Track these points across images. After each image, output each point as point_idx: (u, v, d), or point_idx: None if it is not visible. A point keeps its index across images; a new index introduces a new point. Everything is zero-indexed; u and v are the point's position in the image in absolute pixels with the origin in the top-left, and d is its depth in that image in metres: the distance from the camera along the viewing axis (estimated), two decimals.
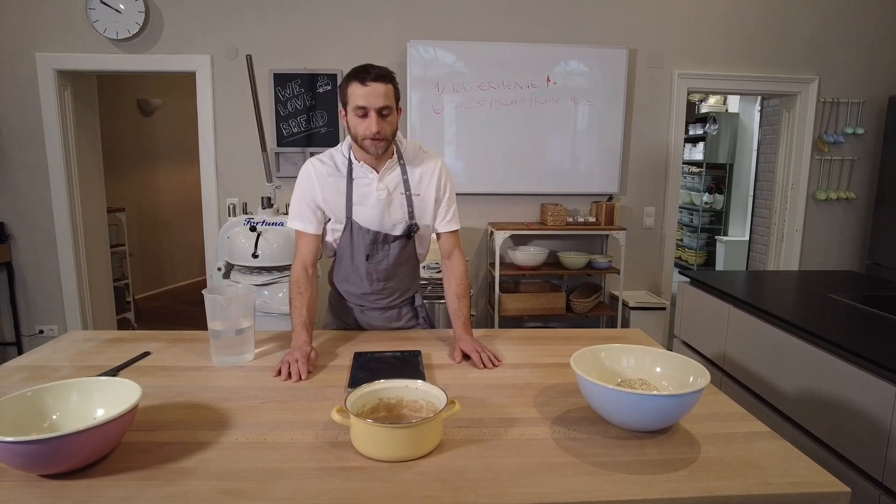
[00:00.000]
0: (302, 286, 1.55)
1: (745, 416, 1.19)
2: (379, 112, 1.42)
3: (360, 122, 1.44)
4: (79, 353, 1.52)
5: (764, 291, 2.37)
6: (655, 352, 1.25)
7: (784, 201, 3.89)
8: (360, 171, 1.55)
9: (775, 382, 1.92)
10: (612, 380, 1.21)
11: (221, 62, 3.34)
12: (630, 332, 1.77)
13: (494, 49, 3.39)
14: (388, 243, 1.60)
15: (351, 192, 1.56)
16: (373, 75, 1.41)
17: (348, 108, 1.46)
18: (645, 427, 1.09)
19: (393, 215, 1.58)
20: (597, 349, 1.25)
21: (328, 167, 1.57)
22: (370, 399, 1.08)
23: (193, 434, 1.07)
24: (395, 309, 1.76)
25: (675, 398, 1.05)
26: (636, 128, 3.64)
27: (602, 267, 3.47)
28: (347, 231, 1.59)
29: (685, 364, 1.19)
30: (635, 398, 1.05)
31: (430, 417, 0.98)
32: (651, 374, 1.23)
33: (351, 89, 1.43)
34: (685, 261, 6.72)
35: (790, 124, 3.83)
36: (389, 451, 0.97)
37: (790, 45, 3.67)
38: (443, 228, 1.65)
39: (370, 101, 1.41)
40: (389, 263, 1.63)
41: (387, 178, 1.56)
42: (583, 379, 1.08)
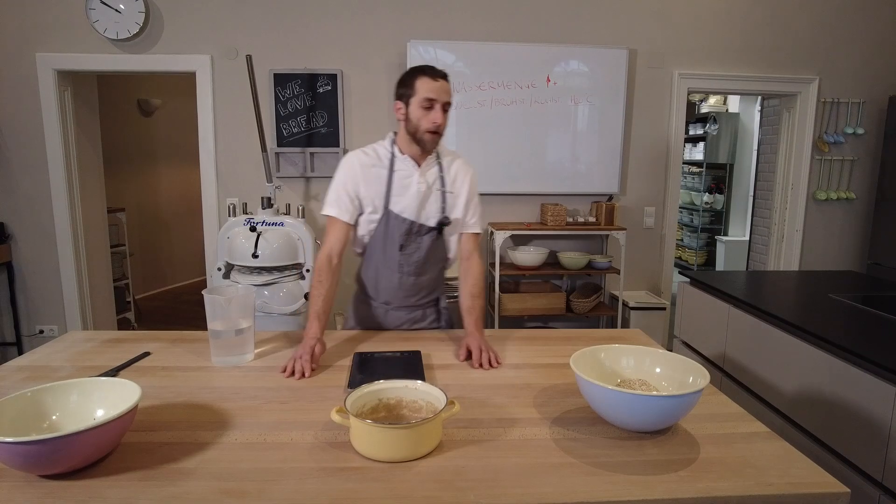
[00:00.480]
0: (323, 275, 1.58)
1: (745, 416, 1.19)
2: (443, 107, 1.53)
3: (425, 113, 1.53)
4: (79, 353, 1.52)
5: (764, 291, 2.37)
6: (655, 352, 1.26)
7: (784, 201, 3.89)
8: (402, 163, 1.63)
9: (775, 383, 1.92)
10: (611, 380, 1.21)
11: (221, 62, 3.34)
12: (630, 332, 1.77)
13: (494, 49, 3.39)
14: (421, 235, 1.65)
15: (391, 183, 1.62)
16: (441, 73, 1.53)
17: (413, 99, 1.53)
18: (645, 427, 1.09)
19: (428, 209, 1.65)
20: (597, 349, 1.25)
21: (370, 158, 1.64)
22: (370, 399, 1.08)
23: (193, 434, 1.07)
24: (419, 309, 1.77)
25: (674, 399, 1.05)
26: (636, 127, 3.64)
27: (602, 267, 3.47)
28: (383, 221, 1.63)
29: (685, 364, 1.19)
30: (635, 399, 1.05)
31: (430, 418, 0.98)
32: (651, 375, 1.23)
33: (420, 82, 1.52)
34: (685, 261, 6.72)
35: (790, 124, 3.83)
36: (389, 451, 0.97)
37: (790, 45, 3.66)
38: (468, 230, 1.72)
39: (439, 95, 1.52)
40: (421, 256, 1.66)
41: (427, 173, 1.64)
42: (582, 379, 1.08)
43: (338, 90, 3.37)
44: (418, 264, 1.67)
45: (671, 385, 1.20)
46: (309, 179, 3.49)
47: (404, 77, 1.58)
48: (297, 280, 2.87)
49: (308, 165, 3.43)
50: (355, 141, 3.47)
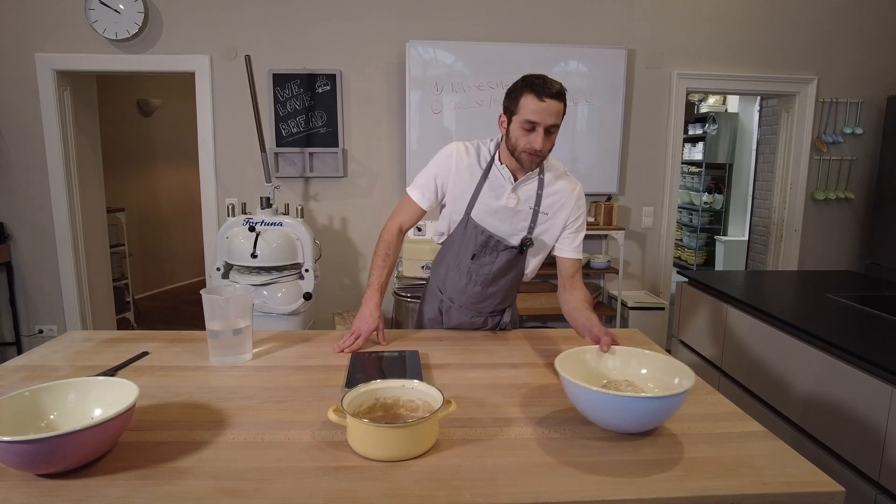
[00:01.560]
0: (391, 248, 1.60)
1: (741, 415, 1.19)
2: (546, 130, 1.41)
3: (525, 135, 1.42)
4: (77, 353, 1.52)
5: (762, 291, 2.37)
6: (641, 353, 1.25)
7: (783, 201, 3.89)
8: (498, 173, 1.54)
9: (773, 382, 1.92)
10: (597, 381, 1.21)
11: (221, 62, 3.34)
12: (627, 331, 1.77)
13: (493, 49, 3.39)
14: (498, 250, 1.58)
15: (480, 189, 1.55)
16: (551, 92, 1.38)
17: (515, 117, 1.43)
18: (629, 429, 1.08)
19: (513, 225, 1.57)
20: (582, 350, 1.25)
21: (470, 156, 1.57)
22: (367, 399, 1.08)
23: (191, 434, 1.07)
24: (482, 316, 1.73)
25: (658, 400, 1.04)
26: (635, 128, 3.65)
27: (601, 267, 3.48)
28: (462, 225, 1.58)
29: (670, 365, 1.19)
30: (618, 400, 1.04)
31: (426, 417, 0.98)
32: (637, 376, 1.23)
33: (524, 101, 1.40)
34: (685, 260, 6.72)
35: (789, 124, 3.83)
36: (385, 450, 0.97)
37: (789, 45, 3.67)
38: (568, 254, 1.61)
39: (543, 118, 1.39)
40: (493, 270, 1.60)
41: (521, 189, 1.55)
42: (567, 381, 1.08)
43: (337, 90, 3.37)
44: (488, 277, 1.62)
45: (657, 386, 1.19)
46: (308, 179, 3.50)
47: (512, 88, 1.45)
48: (296, 280, 2.88)
49: (307, 165, 3.43)
50: (354, 141, 3.48)
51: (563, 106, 1.42)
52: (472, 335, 1.69)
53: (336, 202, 3.54)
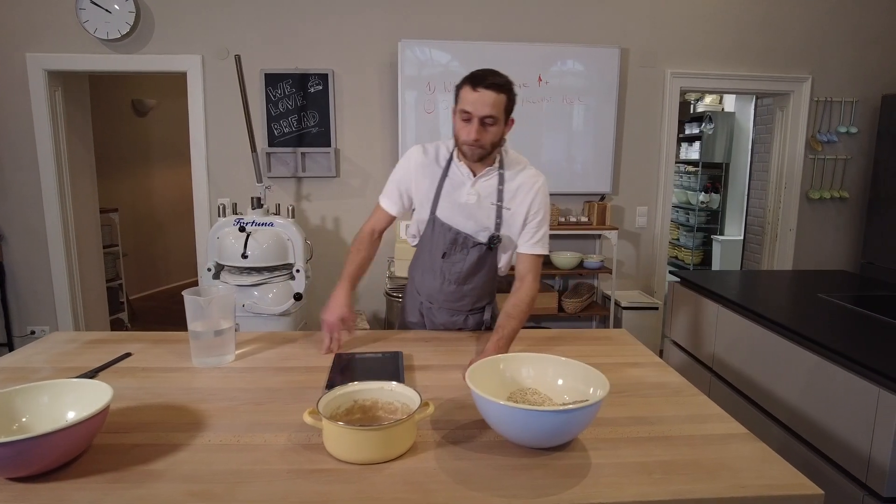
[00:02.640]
0: (363, 244, 1.63)
1: (724, 417, 1.18)
2: (482, 120, 1.41)
3: (463, 125, 1.45)
4: (60, 354, 1.51)
5: (753, 291, 2.36)
6: (558, 361, 1.18)
7: (778, 200, 3.88)
8: (456, 170, 1.56)
9: (763, 383, 1.91)
10: (506, 392, 1.14)
11: (212, 62, 3.33)
12: (615, 332, 1.76)
13: (486, 48, 3.38)
14: (467, 247, 1.58)
15: (441, 188, 1.57)
16: (486, 83, 1.39)
17: (456, 108, 1.46)
18: (534, 444, 1.02)
19: (478, 222, 1.56)
20: (496, 359, 1.19)
21: (429, 157, 1.59)
22: (345, 401, 1.07)
23: (167, 436, 1.06)
24: (462, 314, 1.73)
25: (563, 414, 0.96)
26: (629, 127, 3.64)
27: (594, 267, 3.47)
28: (429, 226, 1.59)
29: (588, 375, 1.12)
30: (520, 413, 0.98)
31: (402, 420, 0.97)
32: (551, 386, 1.16)
33: (462, 92, 1.43)
34: (681, 260, 6.71)
35: (783, 123, 3.82)
36: (361, 453, 0.96)
37: (783, 44, 3.66)
38: (524, 249, 1.57)
39: (476, 108, 1.40)
40: (465, 267, 1.60)
41: (480, 184, 1.55)
42: (475, 394, 1.01)
43: (329, 90, 3.36)
44: (461, 275, 1.62)
45: (573, 397, 1.12)
46: (300, 179, 3.49)
47: (459, 82, 1.47)
48: (287, 280, 2.87)
49: (299, 165, 3.42)
50: (346, 140, 3.47)
51: (506, 98, 1.42)
52: (456, 336, 1.68)
53: (328, 202, 3.53)
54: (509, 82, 1.44)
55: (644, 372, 1.43)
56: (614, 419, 1.15)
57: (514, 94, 1.46)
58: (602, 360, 1.50)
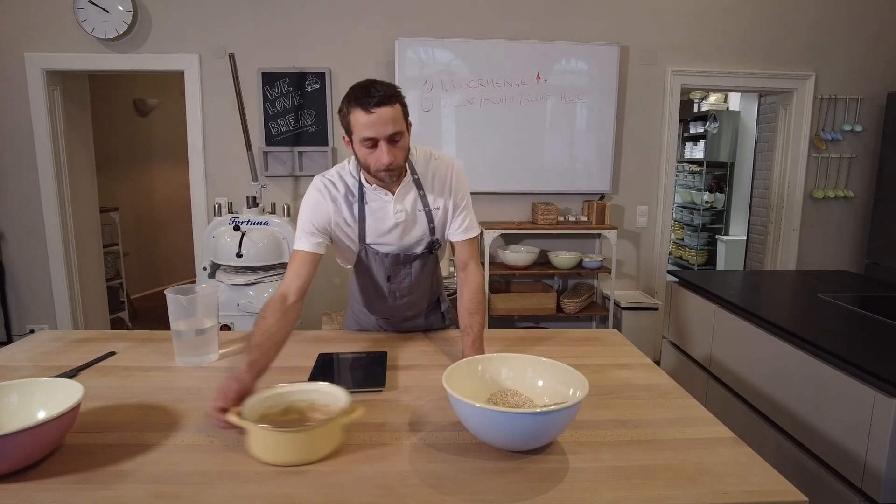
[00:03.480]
0: (268, 311, 1.27)
1: (711, 420, 1.15)
2: (389, 139, 1.27)
3: (370, 153, 1.28)
4: (44, 353, 1.50)
5: (751, 292, 2.32)
6: (538, 362, 1.15)
7: (781, 200, 3.83)
8: (373, 194, 1.41)
9: (759, 385, 1.88)
10: (485, 394, 1.12)
11: (210, 61, 3.32)
12: (605, 332, 1.73)
13: (484, 46, 3.36)
14: (409, 262, 1.50)
15: (364, 217, 1.43)
16: (376, 99, 1.23)
17: (354, 136, 1.29)
18: (512, 447, 1.00)
19: (414, 235, 1.47)
20: (475, 360, 1.16)
21: (339, 188, 1.42)
22: (278, 402, 1.06)
23: (140, 436, 1.05)
24: (420, 317, 1.71)
25: (540, 416, 0.94)
26: (629, 125, 3.60)
27: (593, 266, 3.43)
28: (363, 254, 1.48)
29: (568, 375, 1.09)
30: (495, 416, 0.94)
31: (311, 425, 0.95)
32: (532, 388, 1.14)
33: (354, 118, 1.26)
34: (686, 260, 6.66)
35: (787, 122, 3.77)
36: (280, 455, 0.95)
37: (786, 41, 3.61)
38: (458, 237, 1.48)
39: (378, 131, 1.24)
40: (412, 280, 1.54)
41: (404, 199, 1.43)
42: (452, 396, 0.98)
43: (326, 89, 3.35)
44: (410, 287, 1.55)
45: (553, 399, 1.09)
46: (298, 178, 3.48)
47: (342, 104, 1.30)
48: (282, 279, 2.85)
49: (296, 164, 3.41)
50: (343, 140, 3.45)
51: (401, 106, 1.28)
52: (443, 335, 1.66)
53: None
54: (396, 88, 1.29)
55: (632, 373, 1.40)
56: (596, 422, 1.13)
57: (404, 98, 1.31)
58: (590, 360, 1.48)
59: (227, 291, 2.79)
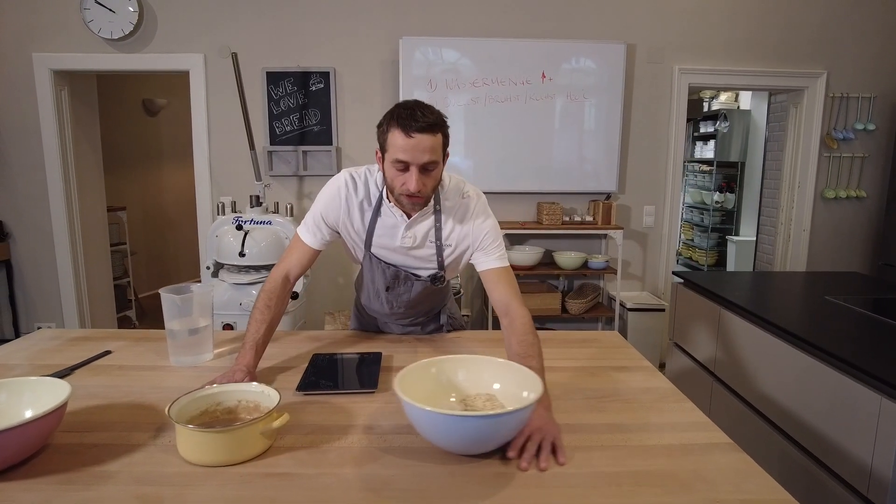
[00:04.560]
0: (273, 299, 1.35)
1: (708, 425, 1.12)
2: (422, 167, 1.22)
3: (398, 175, 1.25)
4: (40, 351, 1.51)
5: (757, 293, 2.28)
6: (494, 363, 1.13)
7: (791, 200, 3.77)
8: (388, 211, 1.38)
9: (764, 389, 1.84)
10: (444, 398, 1.11)
11: (215, 61, 3.33)
12: (605, 334, 1.70)
13: (488, 45, 3.34)
14: (411, 281, 1.46)
15: (374, 229, 1.40)
16: (420, 125, 1.19)
17: (387, 155, 1.25)
18: (462, 450, 0.98)
19: (418, 261, 1.44)
20: (429, 363, 1.13)
21: (359, 192, 1.39)
22: (206, 402, 1.05)
23: (127, 436, 1.04)
24: (418, 326, 1.68)
25: (488, 419, 0.92)
26: (635, 124, 3.56)
27: (598, 267, 3.40)
28: (368, 259, 1.46)
29: (524, 377, 1.07)
30: (444, 419, 0.92)
31: (228, 428, 0.94)
32: (489, 391, 1.12)
33: (392, 137, 1.22)
34: (696, 261, 6.59)
35: (797, 120, 3.71)
36: (208, 455, 0.94)
37: (797, 38, 3.55)
38: (487, 265, 1.38)
39: (413, 157, 1.20)
40: (412, 297, 1.50)
41: (416, 227, 1.39)
42: (405, 402, 0.95)
43: (330, 88, 3.34)
44: (409, 302, 1.52)
45: (509, 402, 1.08)
46: (302, 178, 3.48)
47: (382, 120, 1.27)
48: None
49: (301, 164, 3.41)
50: (347, 139, 3.45)
51: (442, 136, 1.25)
52: (440, 338, 1.64)
53: None
54: (442, 118, 1.25)
55: (630, 376, 1.37)
56: (590, 426, 1.10)
57: (448, 129, 1.28)
58: (588, 363, 1.45)
59: (230, 291, 2.79)
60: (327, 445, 1.02)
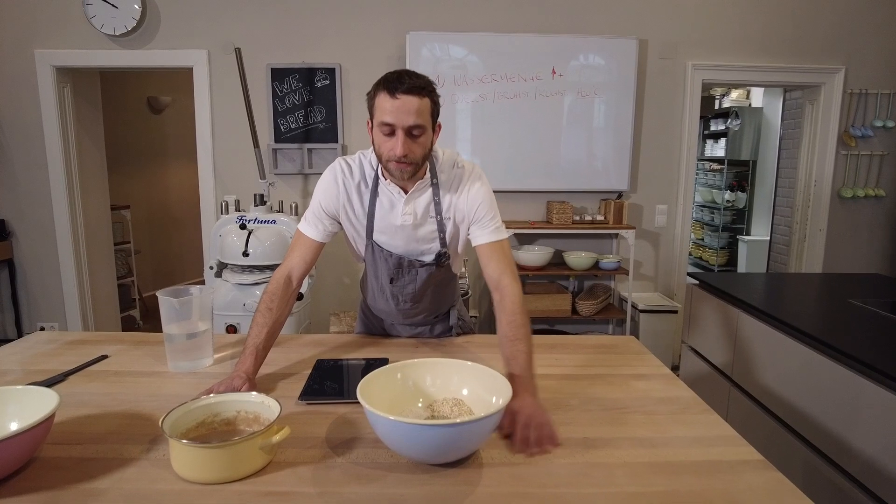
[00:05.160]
0: (275, 301, 1.31)
1: (737, 440, 1.05)
2: (408, 131, 1.20)
3: (385, 140, 1.23)
4: (35, 355, 1.45)
5: (777, 295, 2.20)
6: (463, 366, 1.10)
7: (807, 199, 3.68)
8: (385, 189, 1.35)
9: (786, 396, 1.77)
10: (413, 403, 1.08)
11: (219, 57, 3.28)
12: (621, 339, 1.63)
13: (497, 40, 3.26)
14: (415, 268, 1.42)
15: (374, 211, 1.37)
16: (406, 86, 1.17)
17: (374, 120, 1.24)
18: (426, 460, 0.94)
19: (421, 242, 1.40)
20: (394, 367, 1.09)
21: (355, 175, 1.36)
22: (202, 413, 0.99)
23: (120, 449, 0.98)
24: (426, 325, 1.62)
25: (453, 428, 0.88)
26: (647, 122, 3.48)
27: (609, 267, 3.32)
28: (369, 250, 1.41)
29: (494, 382, 1.04)
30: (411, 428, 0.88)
31: (225, 443, 0.88)
32: (458, 396, 1.09)
33: (378, 101, 1.21)
34: (706, 261, 6.49)
35: (814, 117, 3.61)
36: (202, 472, 0.88)
37: (813, 33, 3.45)
38: (482, 239, 1.36)
39: (398, 118, 1.18)
40: (417, 287, 1.44)
41: (416, 202, 1.35)
42: (367, 410, 0.91)
43: (336, 84, 3.28)
44: (415, 294, 1.46)
45: (479, 408, 1.04)
46: (307, 176, 3.42)
47: (371, 89, 1.25)
48: None
49: (306, 162, 3.35)
50: (353, 137, 3.39)
51: (430, 102, 1.22)
52: (448, 342, 1.58)
53: None
54: (430, 83, 1.23)
55: (650, 385, 1.30)
56: (611, 440, 1.04)
57: (438, 97, 1.25)
58: (605, 370, 1.39)
59: (234, 291, 2.73)
60: (331, 461, 0.96)
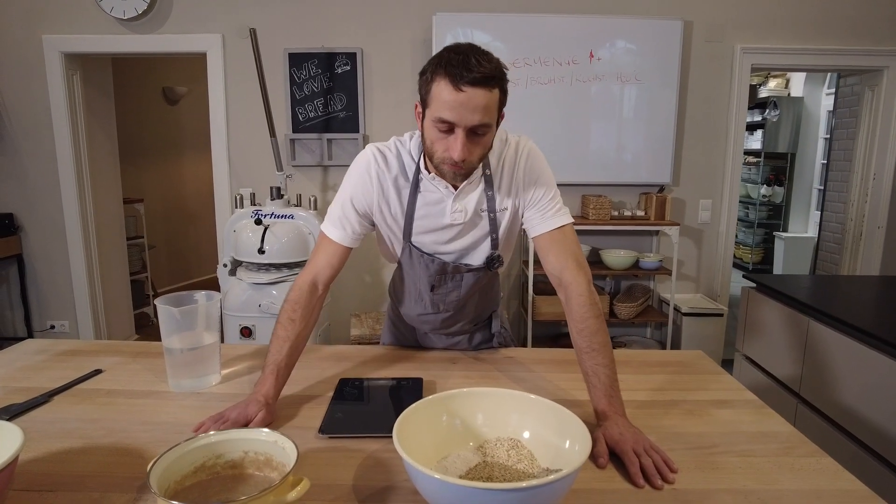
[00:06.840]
0: (298, 312, 1.11)
1: (865, 495, 0.83)
2: (471, 130, 0.98)
3: (440, 138, 1.00)
4: (21, 368, 1.28)
5: (856, 302, 1.96)
6: (525, 401, 0.88)
7: (864, 194, 3.40)
8: (429, 185, 1.14)
9: (868, 415, 1.53)
10: (464, 444, 0.87)
11: (233, 42, 3.10)
12: (689, 354, 1.41)
13: (530, 21, 3.03)
14: (460, 273, 1.21)
15: (413, 210, 1.16)
16: (474, 75, 0.93)
17: (429, 111, 1.01)
18: None
19: (471, 243, 1.19)
20: (435, 403, 0.87)
21: (391, 167, 1.15)
22: (203, 455, 0.80)
23: (99, 499, 0.80)
24: (465, 335, 1.41)
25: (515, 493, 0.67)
26: (691, 110, 3.22)
27: (651, 267, 3.09)
28: (407, 252, 1.21)
29: (563, 421, 0.82)
30: (456, 490, 0.67)
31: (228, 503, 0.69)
32: (514, 434, 0.88)
33: (437, 88, 0.97)
34: (740, 258, 6.20)
35: (874, 105, 3.33)
36: None
37: (874, 11, 3.16)
38: (541, 229, 1.13)
39: (461, 117, 0.96)
40: (461, 294, 1.24)
41: (466, 199, 1.15)
42: (408, 464, 0.71)
43: (357, 70, 3.09)
44: (458, 301, 1.26)
45: (545, 455, 0.83)
46: (326, 168, 3.23)
47: (427, 66, 1.01)
48: None
49: (325, 153, 3.16)
50: (375, 126, 3.19)
51: (500, 93, 0.99)
52: (492, 356, 1.37)
53: None
54: (502, 68, 0.99)
55: (738, 415, 1.08)
56: (707, 493, 0.82)
57: (507, 82, 1.01)
58: (680, 395, 1.17)
59: (249, 290, 2.56)
60: None
